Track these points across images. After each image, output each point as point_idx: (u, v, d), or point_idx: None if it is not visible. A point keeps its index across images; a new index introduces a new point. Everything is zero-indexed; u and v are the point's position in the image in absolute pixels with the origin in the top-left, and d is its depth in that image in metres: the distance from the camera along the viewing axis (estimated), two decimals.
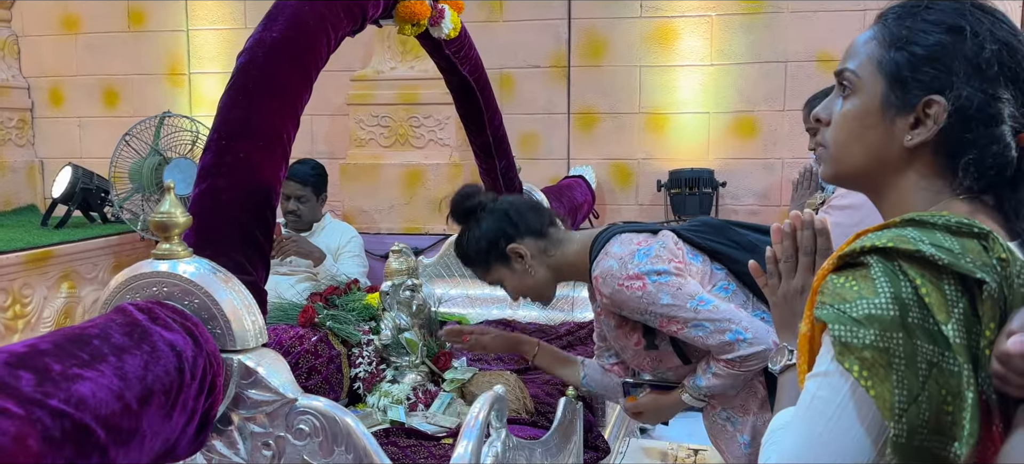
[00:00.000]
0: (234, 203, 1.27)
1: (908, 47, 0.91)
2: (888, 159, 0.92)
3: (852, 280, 0.81)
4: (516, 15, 4.24)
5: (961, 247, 0.79)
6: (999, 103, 0.88)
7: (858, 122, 0.94)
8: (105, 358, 0.96)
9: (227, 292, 1.14)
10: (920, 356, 0.76)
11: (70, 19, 4.72)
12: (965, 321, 0.77)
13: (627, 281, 1.58)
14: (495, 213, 1.78)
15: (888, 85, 0.91)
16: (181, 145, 3.84)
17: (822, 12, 3.92)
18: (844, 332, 0.78)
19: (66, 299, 3.71)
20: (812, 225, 1.07)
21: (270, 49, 1.37)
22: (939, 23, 0.90)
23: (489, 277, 1.83)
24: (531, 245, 1.76)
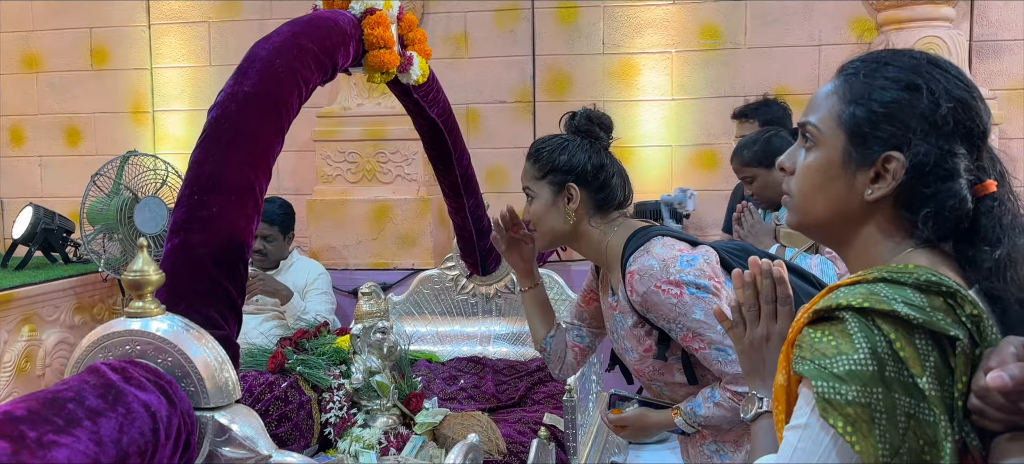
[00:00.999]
0: (206, 258, 1.28)
1: (867, 103, 0.94)
2: (850, 211, 0.96)
3: (829, 335, 0.84)
4: (482, 52, 4.29)
5: (930, 304, 0.83)
6: (954, 158, 0.92)
7: (821, 175, 0.98)
8: (80, 423, 0.96)
9: (200, 349, 1.15)
10: (899, 409, 0.80)
11: (32, 57, 4.67)
12: (937, 374, 0.81)
13: (665, 285, 1.56)
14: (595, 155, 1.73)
15: (849, 140, 0.95)
16: (147, 184, 3.80)
17: (778, 48, 4.04)
18: (826, 388, 0.81)
19: (27, 342, 3.63)
20: (770, 274, 1.10)
21: (242, 103, 1.39)
22: (897, 80, 0.94)
23: (533, 183, 1.76)
24: (585, 202, 1.71)
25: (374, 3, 1.79)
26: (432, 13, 4.30)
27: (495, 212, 3.24)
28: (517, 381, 2.68)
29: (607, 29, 4.20)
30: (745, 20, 4.09)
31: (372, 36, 1.75)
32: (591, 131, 1.76)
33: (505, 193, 4.30)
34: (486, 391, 2.63)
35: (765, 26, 4.07)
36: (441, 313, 3.07)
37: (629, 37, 4.19)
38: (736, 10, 4.10)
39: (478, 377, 2.71)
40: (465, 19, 4.30)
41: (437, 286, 3.07)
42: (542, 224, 1.75)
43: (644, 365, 1.69)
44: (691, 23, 4.14)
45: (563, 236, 1.75)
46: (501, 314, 3.02)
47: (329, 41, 1.61)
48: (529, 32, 4.24)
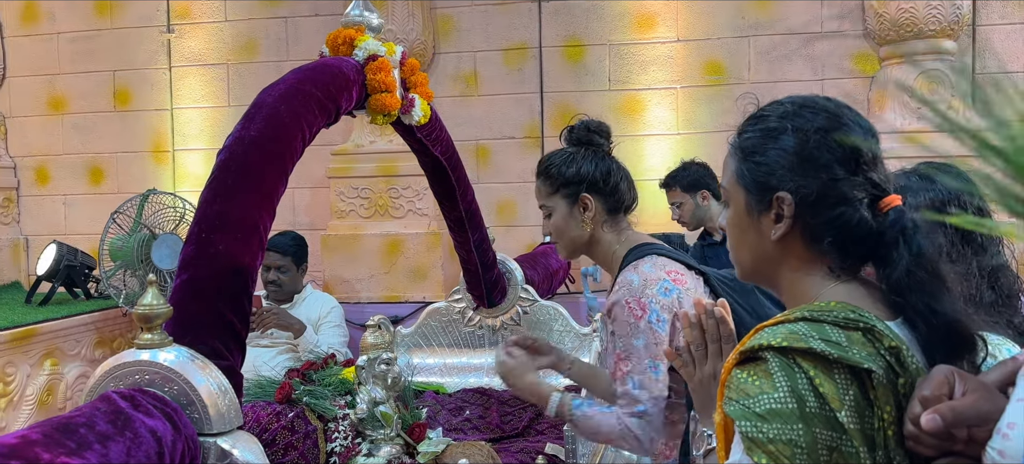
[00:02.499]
0: (212, 292, 1.36)
1: (751, 156, 1.03)
2: (766, 255, 1.04)
3: (753, 375, 0.90)
4: (491, 89, 4.40)
5: (847, 339, 0.88)
6: (838, 184, 0.98)
7: (737, 228, 1.07)
8: (91, 446, 1.04)
9: (204, 378, 1.22)
10: (820, 443, 0.84)
11: (57, 100, 4.84)
12: (857, 407, 0.86)
13: (633, 303, 1.63)
14: (602, 162, 1.80)
15: (746, 192, 1.04)
16: (167, 221, 3.92)
17: (781, 83, 4.11)
18: (750, 428, 0.87)
19: (49, 376, 3.74)
20: (714, 314, 1.16)
21: (249, 146, 1.47)
22: (768, 129, 1.03)
23: (548, 200, 1.83)
24: (600, 208, 1.79)
25: (376, 49, 1.88)
26: (442, 53, 4.42)
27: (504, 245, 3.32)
28: (521, 412, 2.73)
29: (613, 66, 4.30)
30: (749, 56, 4.17)
31: (374, 81, 1.85)
32: (591, 140, 1.83)
33: (515, 227, 4.38)
34: (491, 422, 2.68)
35: (769, 62, 4.14)
36: (449, 345, 3.13)
37: (635, 74, 4.28)
38: (740, 46, 4.18)
39: (483, 408, 2.77)
40: (474, 58, 4.41)
41: (445, 318, 3.14)
42: (563, 236, 1.82)
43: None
44: (695, 60, 4.23)
45: (583, 244, 1.82)
46: None
47: (333, 86, 1.71)
48: (537, 70, 4.35)
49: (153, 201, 3.90)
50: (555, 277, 3.76)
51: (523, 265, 3.21)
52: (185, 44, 4.68)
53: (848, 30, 4.07)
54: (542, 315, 3.06)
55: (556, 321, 3.05)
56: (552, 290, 3.72)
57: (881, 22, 3.87)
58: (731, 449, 0.93)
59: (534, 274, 3.33)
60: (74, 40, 4.77)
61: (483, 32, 4.38)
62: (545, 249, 3.94)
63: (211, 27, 4.65)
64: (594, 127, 1.85)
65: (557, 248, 1.88)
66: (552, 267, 3.71)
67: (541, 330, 3.06)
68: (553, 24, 4.33)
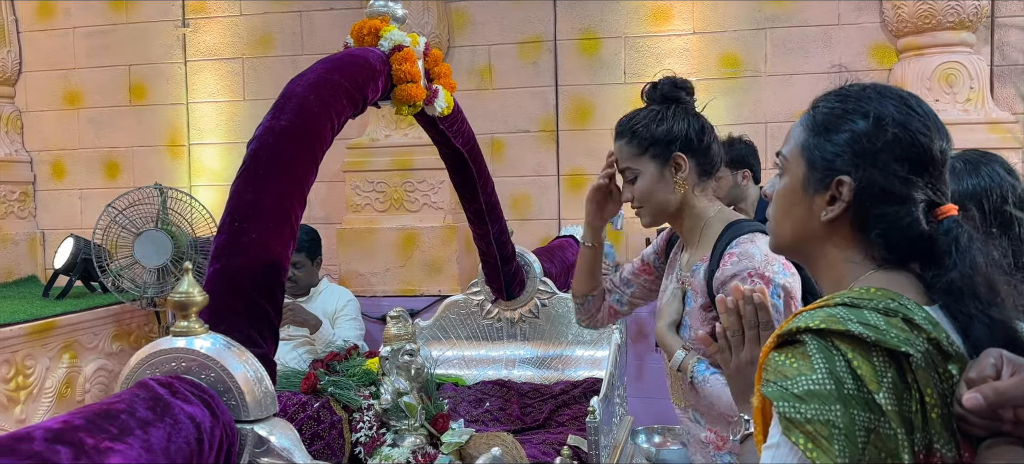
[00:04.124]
0: (246, 281, 1.36)
1: (823, 133, 1.02)
2: (812, 232, 1.04)
3: (791, 358, 0.90)
4: (506, 83, 4.40)
5: (887, 324, 0.88)
6: (901, 183, 0.98)
7: (787, 200, 1.07)
8: (132, 432, 1.04)
9: (241, 365, 1.23)
10: (858, 424, 0.85)
11: (73, 94, 4.85)
12: (894, 389, 0.86)
13: (756, 276, 1.53)
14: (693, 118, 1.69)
15: (807, 167, 1.03)
16: (148, 219, 3.89)
17: (798, 75, 4.09)
18: (788, 408, 0.87)
19: (67, 369, 3.76)
20: (752, 300, 1.16)
21: (279, 136, 1.48)
22: (848, 111, 1.02)
23: (634, 162, 1.70)
24: (693, 169, 1.67)
25: (401, 40, 1.88)
26: (457, 46, 4.42)
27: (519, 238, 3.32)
28: (541, 404, 2.73)
29: (628, 59, 4.29)
30: (765, 48, 4.16)
31: (400, 71, 1.85)
32: (679, 97, 1.72)
33: (529, 220, 4.38)
34: (511, 413, 2.68)
35: (785, 54, 4.13)
36: (467, 338, 3.13)
37: (650, 66, 4.26)
38: (756, 38, 4.16)
39: (503, 400, 2.77)
40: (489, 52, 4.41)
41: (463, 311, 3.14)
42: (651, 200, 1.69)
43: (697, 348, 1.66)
44: (711, 52, 4.21)
45: (670, 211, 1.71)
46: (526, 338, 3.08)
47: (360, 77, 1.71)
48: (552, 63, 4.34)
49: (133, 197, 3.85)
50: (572, 270, 3.75)
51: (540, 258, 3.21)
52: (200, 39, 4.69)
53: (865, 22, 4.04)
54: (561, 308, 3.06)
55: (568, 304, 3.05)
56: (569, 283, 3.72)
57: (899, 15, 3.85)
58: (769, 431, 0.94)
59: (552, 267, 3.32)
60: (90, 35, 4.79)
61: (498, 25, 4.38)
62: (561, 242, 3.94)
63: (226, 21, 4.66)
64: (680, 83, 1.75)
65: (640, 214, 1.76)
66: (569, 260, 3.71)
67: (560, 323, 3.05)
68: (568, 17, 4.32)
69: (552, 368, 3.02)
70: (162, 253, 3.72)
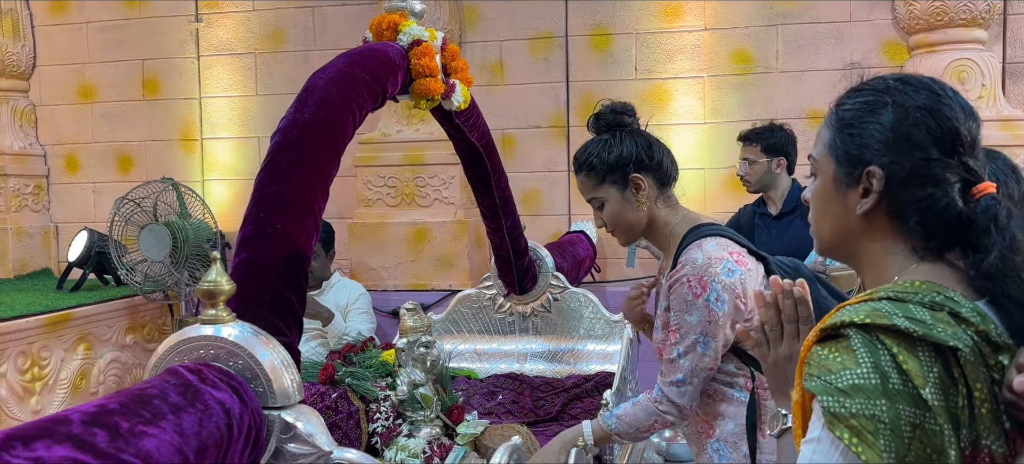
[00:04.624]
0: (271, 271, 1.38)
1: (846, 128, 1.04)
2: (850, 228, 1.04)
3: (835, 352, 0.90)
4: (517, 79, 4.41)
5: (933, 318, 0.88)
6: (931, 165, 0.98)
7: (821, 199, 1.08)
8: (165, 416, 1.06)
9: (268, 353, 1.25)
10: (903, 419, 0.84)
11: (86, 89, 4.89)
12: (941, 385, 0.85)
13: (694, 280, 1.64)
14: (640, 138, 1.78)
15: (837, 163, 1.04)
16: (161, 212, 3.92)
17: (809, 71, 4.10)
18: (832, 403, 0.87)
19: (82, 361, 3.79)
20: (792, 294, 1.16)
21: (303, 129, 1.50)
22: (867, 103, 1.03)
23: (597, 192, 1.80)
24: (652, 185, 1.77)
25: (420, 35, 1.90)
26: (469, 42, 4.43)
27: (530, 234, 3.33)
28: (554, 397, 2.75)
29: (640, 55, 4.30)
30: (777, 45, 4.17)
31: (419, 66, 1.86)
32: (621, 121, 1.81)
33: (540, 215, 4.39)
34: (524, 406, 2.70)
35: (797, 50, 4.13)
36: (479, 331, 3.15)
37: (661, 63, 4.28)
38: (768, 35, 4.17)
39: (516, 393, 2.79)
40: (500, 48, 4.43)
41: (475, 305, 3.16)
42: (621, 222, 1.80)
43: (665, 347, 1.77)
44: (723, 48, 4.22)
45: (641, 227, 1.80)
46: (538, 332, 3.10)
47: (380, 71, 1.73)
48: (563, 59, 4.36)
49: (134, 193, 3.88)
50: (582, 265, 3.77)
51: (552, 253, 3.23)
52: (213, 33, 4.71)
53: (877, 19, 4.05)
54: (572, 302, 3.08)
55: (586, 308, 3.07)
56: (579, 278, 3.74)
57: (911, 12, 3.85)
58: (809, 426, 0.93)
59: (563, 262, 3.34)
60: (103, 30, 4.82)
61: (509, 21, 4.39)
62: (572, 237, 3.96)
63: (239, 16, 4.68)
64: (620, 108, 1.84)
65: (615, 236, 1.86)
66: (579, 255, 3.73)
67: (572, 317, 3.07)
68: (579, 13, 4.33)
69: (564, 362, 3.04)
70: (162, 247, 3.75)
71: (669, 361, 1.71)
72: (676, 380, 1.69)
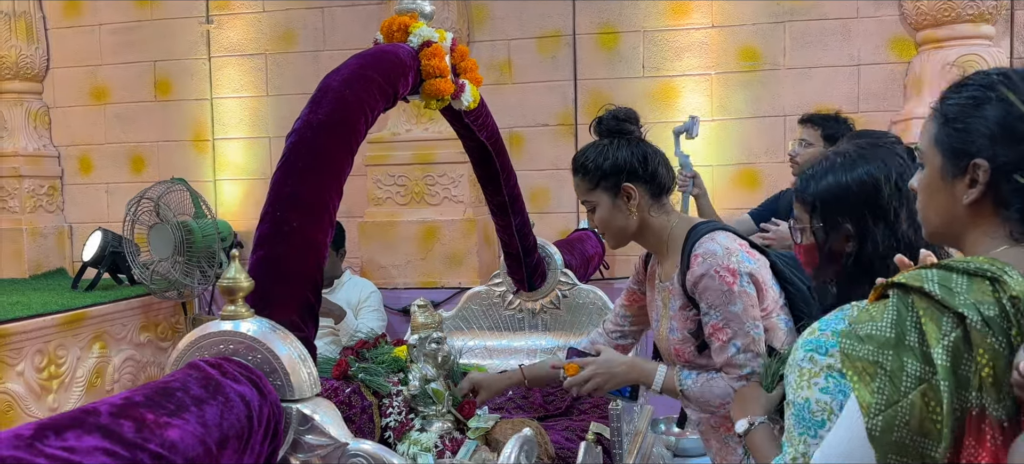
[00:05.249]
0: (288, 268, 1.42)
1: (952, 122, 1.09)
2: (956, 217, 1.09)
3: (874, 307, 0.99)
4: (525, 78, 4.44)
5: (967, 286, 0.94)
6: None
7: (928, 189, 1.13)
8: (188, 408, 1.10)
9: (286, 347, 1.28)
10: (908, 372, 0.92)
11: (99, 90, 4.95)
12: (954, 349, 0.91)
13: (723, 270, 1.67)
14: (636, 147, 1.83)
15: (943, 156, 1.09)
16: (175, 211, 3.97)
17: (817, 68, 4.11)
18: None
19: (98, 359, 3.85)
20: None
21: (317, 129, 1.53)
22: (972, 97, 1.08)
23: (589, 195, 1.85)
24: (643, 194, 1.81)
25: (430, 36, 1.93)
26: (477, 41, 4.47)
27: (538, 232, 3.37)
28: (564, 392, 2.78)
29: (647, 53, 4.32)
30: (784, 41, 4.18)
31: (429, 66, 1.90)
32: (622, 129, 1.85)
33: (548, 213, 4.43)
34: (534, 401, 2.73)
35: (804, 47, 4.15)
36: (489, 328, 3.18)
37: (669, 60, 4.30)
38: (775, 32, 4.18)
39: (526, 388, 2.82)
40: (508, 46, 4.46)
41: (485, 302, 3.19)
42: (610, 228, 1.86)
43: (685, 346, 1.80)
44: (730, 45, 4.24)
45: (631, 233, 1.86)
46: (547, 329, 3.13)
47: (392, 72, 1.76)
48: (571, 57, 4.38)
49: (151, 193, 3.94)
50: (590, 262, 3.80)
51: (561, 250, 3.26)
52: (224, 35, 4.76)
53: (884, 15, 4.06)
54: (581, 298, 3.10)
55: (595, 305, 3.09)
56: (587, 275, 3.77)
57: (918, 8, 3.86)
58: None
59: (571, 259, 3.37)
60: (115, 31, 4.88)
61: (517, 20, 4.42)
62: (580, 235, 3.99)
63: (249, 18, 4.73)
64: (623, 115, 1.88)
65: (606, 240, 1.92)
66: (588, 252, 3.76)
67: (581, 313, 3.10)
68: (587, 11, 4.36)
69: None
70: (168, 247, 3.80)
71: (728, 360, 1.70)
72: (744, 375, 1.69)
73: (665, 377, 1.82)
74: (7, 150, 4.81)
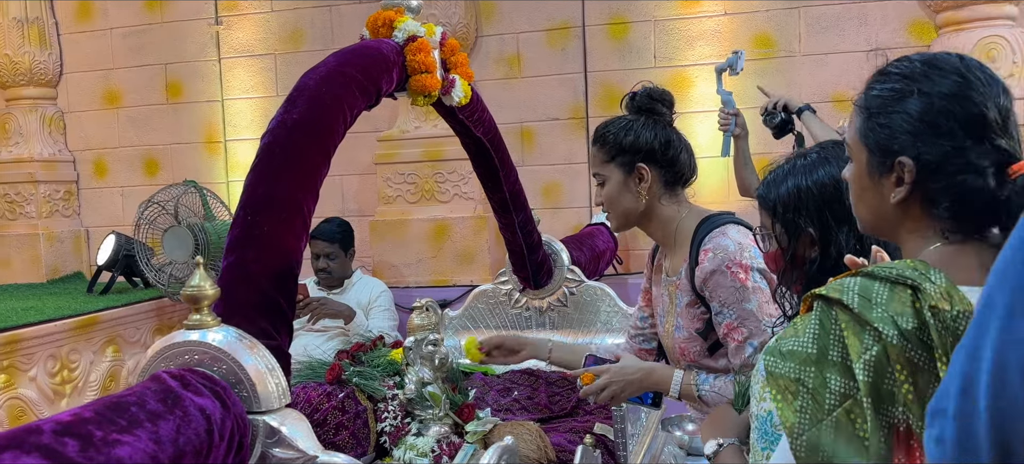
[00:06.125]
0: (259, 274, 1.38)
1: (875, 117, 1.02)
2: (885, 214, 1.03)
3: (799, 321, 0.93)
4: (534, 71, 4.37)
5: (887, 297, 0.87)
6: (962, 152, 0.95)
7: (857, 185, 1.07)
8: (141, 424, 1.06)
9: (252, 357, 1.24)
10: (830, 388, 0.87)
11: (112, 94, 4.96)
12: (876, 364, 0.86)
13: (735, 266, 1.60)
14: (662, 130, 1.75)
15: (869, 152, 1.03)
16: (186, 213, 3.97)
17: (833, 54, 3.99)
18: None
19: (111, 363, 3.86)
20: None
21: (292, 129, 1.49)
22: (894, 91, 1.00)
23: (602, 168, 1.79)
24: (657, 178, 1.74)
25: (416, 30, 1.88)
26: (485, 36, 4.41)
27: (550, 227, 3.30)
28: (570, 392, 2.72)
29: (658, 42, 4.23)
30: (799, 27, 4.07)
31: (414, 62, 1.84)
32: (653, 108, 1.78)
33: (560, 209, 4.36)
34: (539, 402, 2.68)
35: (819, 32, 4.03)
36: (496, 327, 3.13)
37: (681, 49, 4.20)
38: (789, 17, 4.07)
39: (532, 388, 2.76)
40: (517, 40, 4.39)
41: (491, 300, 3.14)
42: (616, 206, 1.78)
43: (691, 345, 1.72)
44: (744, 32, 4.13)
45: (636, 216, 1.79)
46: (554, 326, 3.07)
47: (373, 69, 1.71)
48: (580, 49, 4.31)
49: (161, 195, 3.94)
50: (602, 258, 3.73)
51: (569, 246, 3.19)
52: (233, 36, 4.75)
53: None
54: (589, 296, 3.04)
55: (603, 302, 3.03)
56: (599, 271, 3.70)
57: None
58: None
59: (581, 255, 3.31)
60: (127, 35, 4.89)
61: (526, 13, 4.35)
62: (592, 230, 3.92)
63: (258, 18, 4.71)
64: (657, 94, 1.80)
65: (609, 219, 1.85)
66: (598, 248, 3.69)
67: (588, 311, 3.04)
68: (596, 2, 4.28)
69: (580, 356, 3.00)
70: (186, 249, 3.80)
71: (746, 362, 1.63)
72: None
73: (682, 382, 1.74)
74: (23, 156, 4.85)
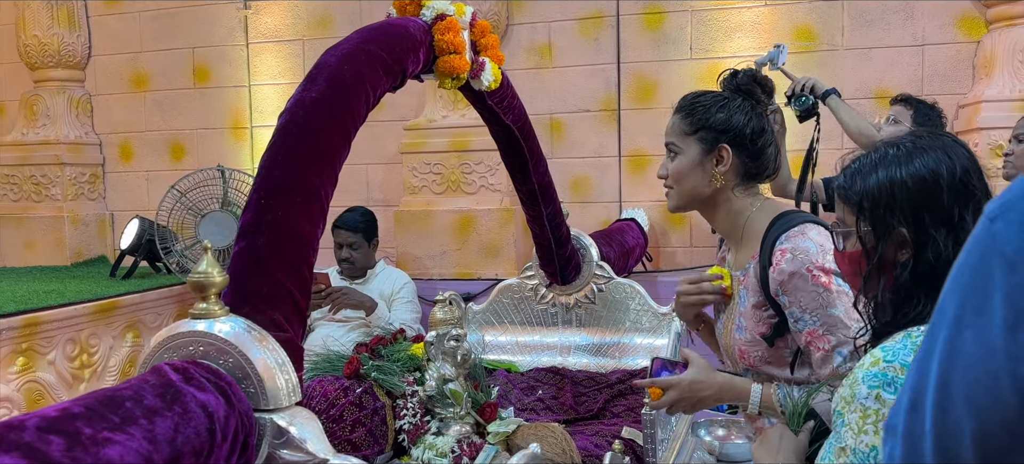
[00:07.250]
0: (272, 260, 1.29)
1: None
2: None
3: None
4: (566, 61, 4.26)
5: None
6: None
7: None
8: (136, 421, 0.97)
9: (261, 351, 1.15)
10: None
11: (140, 78, 4.93)
12: None
13: (817, 270, 1.47)
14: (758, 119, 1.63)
15: None
16: (213, 199, 3.93)
17: (878, 48, 3.83)
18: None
19: (131, 348, 3.81)
20: None
21: (310, 109, 1.40)
22: None
23: (680, 139, 1.65)
24: (736, 165, 1.61)
25: (445, 9, 1.78)
26: (516, 24, 4.30)
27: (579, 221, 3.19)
28: (596, 393, 2.61)
29: (695, 33, 4.10)
30: (842, 21, 3.91)
31: (442, 42, 1.75)
32: (753, 92, 1.64)
33: (589, 203, 4.24)
34: (564, 402, 2.57)
35: (864, 26, 3.87)
36: (521, 323, 3.03)
37: (719, 41, 4.07)
38: (833, 10, 3.92)
39: (557, 388, 2.66)
40: (549, 29, 4.28)
41: (517, 295, 3.04)
42: (683, 183, 1.64)
43: (754, 348, 1.58)
44: (785, 24, 3.99)
45: (700, 200, 1.65)
46: (581, 324, 2.96)
47: (398, 47, 1.61)
48: (614, 39, 4.19)
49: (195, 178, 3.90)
50: (631, 254, 3.61)
51: (598, 241, 3.08)
52: (261, 20, 4.69)
53: None
54: (618, 293, 2.93)
55: (632, 300, 2.92)
56: (628, 268, 3.58)
57: None
58: None
59: (610, 251, 3.19)
60: (155, 18, 4.85)
61: (558, 2, 4.24)
62: (621, 225, 3.80)
63: (286, 3, 4.64)
64: (760, 79, 1.66)
65: (668, 195, 1.68)
66: (628, 244, 3.57)
67: (617, 309, 2.93)
68: None
69: (608, 356, 2.90)
70: (228, 234, 3.75)
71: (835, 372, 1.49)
72: None
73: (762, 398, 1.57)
74: (49, 138, 4.83)
